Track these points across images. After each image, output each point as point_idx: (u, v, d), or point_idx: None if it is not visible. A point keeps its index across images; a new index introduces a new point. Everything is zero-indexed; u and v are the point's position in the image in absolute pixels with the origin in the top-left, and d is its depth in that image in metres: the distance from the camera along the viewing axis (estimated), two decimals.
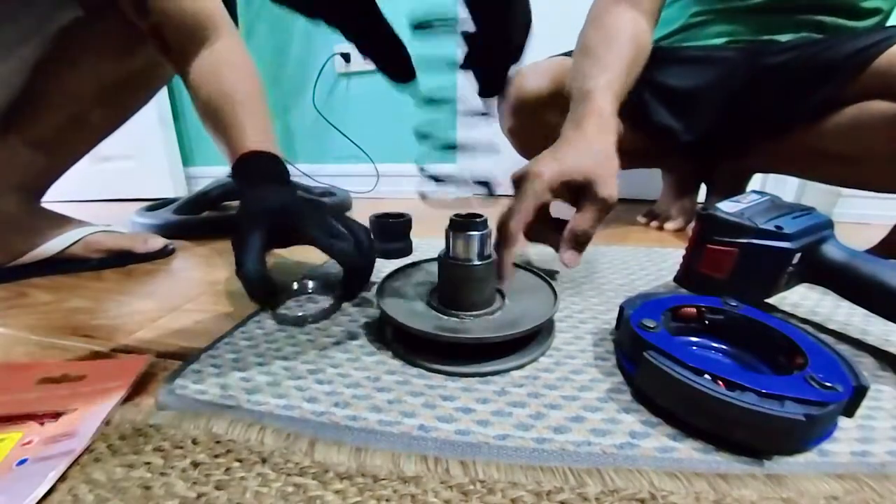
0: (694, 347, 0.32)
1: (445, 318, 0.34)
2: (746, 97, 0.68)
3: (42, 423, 0.25)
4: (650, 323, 0.29)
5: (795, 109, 0.64)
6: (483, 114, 0.33)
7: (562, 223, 0.43)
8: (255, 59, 0.52)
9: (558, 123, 0.54)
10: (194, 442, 0.24)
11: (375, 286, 0.38)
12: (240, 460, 0.22)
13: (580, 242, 0.41)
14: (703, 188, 0.88)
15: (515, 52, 0.29)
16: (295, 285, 0.46)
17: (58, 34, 0.49)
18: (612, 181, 0.40)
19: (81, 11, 0.48)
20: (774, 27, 0.66)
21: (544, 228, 0.45)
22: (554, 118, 0.70)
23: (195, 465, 0.22)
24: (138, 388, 0.30)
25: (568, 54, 0.77)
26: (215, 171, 1.31)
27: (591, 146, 0.42)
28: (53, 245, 0.56)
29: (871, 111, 0.57)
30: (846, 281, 0.36)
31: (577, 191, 0.41)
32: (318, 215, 0.42)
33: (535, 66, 0.75)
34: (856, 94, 0.58)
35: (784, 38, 0.66)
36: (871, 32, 0.58)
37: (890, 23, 0.67)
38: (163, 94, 1.28)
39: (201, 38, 0.49)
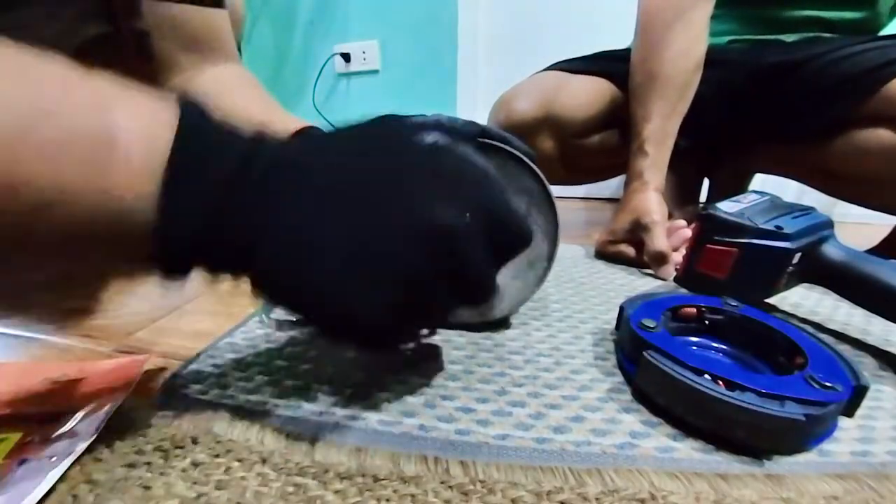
0: (694, 347, 0.32)
1: None
2: (749, 99, 0.67)
3: (42, 423, 0.25)
4: (650, 323, 0.29)
5: (801, 125, 0.63)
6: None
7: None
8: (255, 60, 0.50)
9: (551, 148, 0.56)
10: (194, 442, 0.24)
11: None
12: (240, 460, 0.22)
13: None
14: (703, 191, 0.88)
15: None
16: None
17: (82, 47, 0.46)
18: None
19: (107, 27, 0.43)
20: (779, 26, 0.65)
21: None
22: (545, 143, 0.69)
23: (195, 465, 0.22)
24: (138, 388, 0.30)
25: (553, 67, 0.76)
26: None
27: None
28: None
29: (880, 140, 0.56)
30: (846, 281, 0.36)
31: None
32: None
33: (522, 88, 0.72)
34: (863, 116, 0.57)
35: (790, 38, 0.65)
36: (882, 47, 0.56)
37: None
38: None
39: (201, 54, 0.42)
